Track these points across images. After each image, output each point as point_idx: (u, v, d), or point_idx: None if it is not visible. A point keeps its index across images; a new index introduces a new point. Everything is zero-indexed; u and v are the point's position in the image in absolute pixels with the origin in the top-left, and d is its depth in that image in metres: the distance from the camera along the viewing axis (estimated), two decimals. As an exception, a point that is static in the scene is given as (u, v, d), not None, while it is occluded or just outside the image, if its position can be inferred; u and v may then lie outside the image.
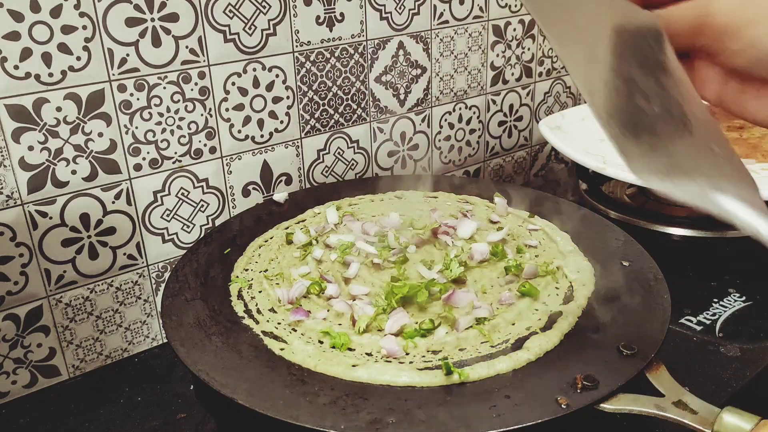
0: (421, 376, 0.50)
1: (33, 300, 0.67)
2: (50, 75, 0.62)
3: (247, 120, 0.77)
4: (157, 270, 0.75)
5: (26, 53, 0.61)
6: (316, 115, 0.83)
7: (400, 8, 0.86)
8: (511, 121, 1.06)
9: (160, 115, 0.70)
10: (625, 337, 0.53)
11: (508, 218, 0.75)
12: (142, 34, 0.67)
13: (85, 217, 0.68)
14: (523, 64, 1.04)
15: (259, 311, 0.59)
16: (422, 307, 0.58)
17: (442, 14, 0.90)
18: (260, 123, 0.78)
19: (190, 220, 0.76)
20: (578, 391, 0.48)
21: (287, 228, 0.73)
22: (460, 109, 0.98)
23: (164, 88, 0.69)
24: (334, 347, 0.54)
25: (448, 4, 0.90)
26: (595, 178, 0.94)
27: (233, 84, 0.74)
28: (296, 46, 0.78)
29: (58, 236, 0.67)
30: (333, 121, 0.85)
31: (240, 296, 0.61)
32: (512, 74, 1.03)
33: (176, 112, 0.71)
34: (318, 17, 0.79)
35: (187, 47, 0.70)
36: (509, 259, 0.65)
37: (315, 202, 0.78)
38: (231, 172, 0.77)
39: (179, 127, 0.72)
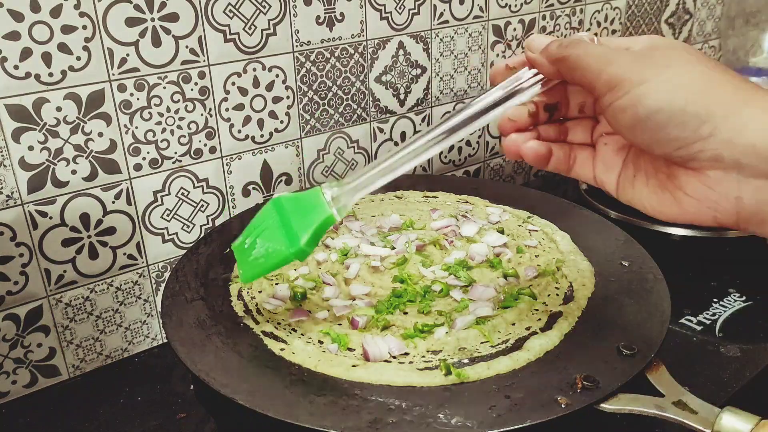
0: (421, 377, 0.50)
1: (33, 300, 0.67)
2: (50, 75, 0.62)
3: (247, 120, 0.77)
4: (157, 270, 0.75)
5: (26, 53, 0.61)
6: (316, 115, 0.83)
7: (400, 8, 0.86)
8: (511, 121, 1.06)
9: (160, 115, 0.70)
10: (625, 337, 0.53)
11: (507, 220, 0.75)
12: (142, 34, 0.67)
13: (85, 217, 0.68)
14: (523, 64, 1.04)
15: (259, 311, 0.59)
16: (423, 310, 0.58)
17: (442, 14, 0.90)
18: (260, 123, 0.78)
19: (190, 220, 0.76)
20: (578, 391, 0.48)
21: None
22: (460, 109, 0.98)
23: (164, 88, 0.69)
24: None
25: (448, 4, 0.90)
26: (595, 178, 0.94)
27: (233, 84, 0.74)
28: (296, 46, 0.78)
29: (58, 236, 0.67)
30: (333, 121, 0.85)
31: (240, 296, 0.61)
32: (512, 74, 1.03)
33: (176, 112, 0.71)
34: (318, 17, 0.78)
35: (187, 47, 0.70)
36: (506, 270, 0.64)
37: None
38: (231, 172, 0.77)
39: (179, 127, 0.72)
